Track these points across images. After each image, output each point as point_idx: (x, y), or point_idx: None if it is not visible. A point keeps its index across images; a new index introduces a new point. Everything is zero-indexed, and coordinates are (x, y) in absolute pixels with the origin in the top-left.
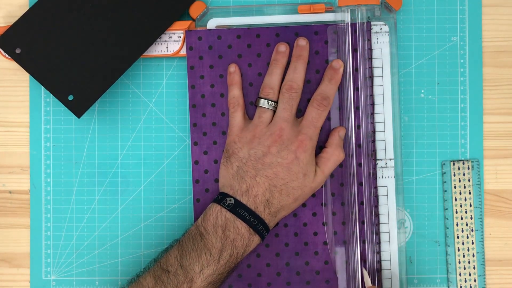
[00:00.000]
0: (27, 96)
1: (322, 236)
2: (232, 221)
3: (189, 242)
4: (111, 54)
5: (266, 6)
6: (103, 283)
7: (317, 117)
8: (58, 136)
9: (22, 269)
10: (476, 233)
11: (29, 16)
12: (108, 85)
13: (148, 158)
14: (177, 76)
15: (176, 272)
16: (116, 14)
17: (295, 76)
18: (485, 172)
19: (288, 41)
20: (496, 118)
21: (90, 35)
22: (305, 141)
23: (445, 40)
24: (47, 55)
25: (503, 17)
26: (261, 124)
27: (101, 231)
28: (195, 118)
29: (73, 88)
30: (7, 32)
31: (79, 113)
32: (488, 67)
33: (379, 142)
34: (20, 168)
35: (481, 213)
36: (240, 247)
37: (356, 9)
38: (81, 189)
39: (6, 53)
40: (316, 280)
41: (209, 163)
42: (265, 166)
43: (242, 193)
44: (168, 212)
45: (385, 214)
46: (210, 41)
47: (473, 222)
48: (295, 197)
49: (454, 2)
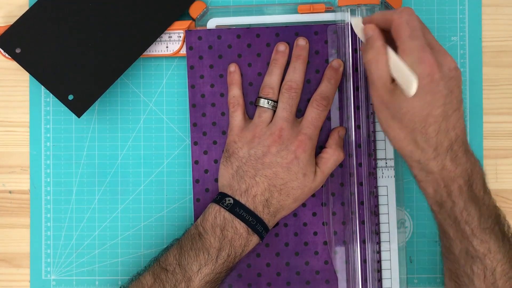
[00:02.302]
0: (27, 96)
1: (322, 236)
2: (231, 221)
3: (188, 242)
4: (111, 54)
5: (266, 6)
6: (103, 283)
7: (317, 117)
8: (58, 136)
9: (22, 269)
10: None
11: (29, 16)
12: (108, 84)
13: (148, 158)
14: (177, 76)
15: (175, 271)
16: (116, 14)
17: (295, 76)
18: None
19: (288, 41)
20: (496, 118)
21: (90, 35)
22: (304, 141)
23: (445, 40)
24: (47, 54)
25: (503, 17)
26: (261, 124)
27: (101, 231)
28: (195, 118)
29: (73, 88)
30: (7, 31)
31: (79, 112)
32: (488, 67)
33: (379, 142)
34: (20, 168)
35: None
36: (238, 247)
37: (356, 9)
38: (81, 189)
39: (6, 52)
40: (316, 280)
41: (209, 163)
42: (265, 166)
43: (241, 193)
44: (168, 212)
45: (385, 214)
46: (210, 41)
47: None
48: (295, 197)
49: (454, 2)
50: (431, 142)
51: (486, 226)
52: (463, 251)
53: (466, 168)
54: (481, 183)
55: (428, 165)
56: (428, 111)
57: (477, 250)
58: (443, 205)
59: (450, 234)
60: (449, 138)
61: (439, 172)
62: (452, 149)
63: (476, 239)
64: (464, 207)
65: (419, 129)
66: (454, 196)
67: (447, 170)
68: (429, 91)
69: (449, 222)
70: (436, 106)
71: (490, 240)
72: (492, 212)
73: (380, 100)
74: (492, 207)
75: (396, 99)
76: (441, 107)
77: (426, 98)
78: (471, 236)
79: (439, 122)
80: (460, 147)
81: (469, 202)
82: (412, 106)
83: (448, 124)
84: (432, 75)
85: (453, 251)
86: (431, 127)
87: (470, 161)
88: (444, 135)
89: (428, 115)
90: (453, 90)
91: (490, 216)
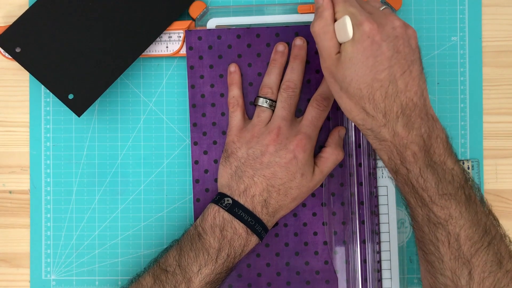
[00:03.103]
0: (27, 96)
1: (322, 236)
2: (230, 222)
3: (187, 242)
4: (111, 53)
5: (266, 6)
6: (103, 283)
7: (317, 117)
8: (58, 136)
9: (22, 269)
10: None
11: (29, 15)
12: (108, 84)
13: (148, 158)
14: (177, 76)
15: (175, 272)
16: (116, 13)
17: (293, 76)
18: (485, 172)
19: (288, 41)
20: (496, 118)
21: (90, 34)
22: (303, 140)
23: (445, 40)
24: (47, 54)
25: (503, 17)
26: (259, 124)
27: (101, 231)
28: (195, 118)
29: (73, 87)
30: (7, 31)
31: (79, 112)
32: (488, 67)
33: None
34: (20, 168)
35: None
36: (238, 247)
37: None
38: (81, 189)
39: (6, 52)
40: (316, 280)
41: (209, 163)
42: (263, 166)
43: (240, 193)
44: (168, 212)
45: (385, 214)
46: (210, 41)
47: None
48: (293, 197)
49: (454, 2)
50: (379, 108)
51: (445, 192)
52: (425, 218)
53: (421, 133)
54: (442, 147)
55: (380, 133)
56: (373, 76)
57: (438, 217)
58: (398, 172)
59: (411, 201)
60: (399, 103)
61: (392, 138)
62: (404, 114)
63: (436, 206)
64: (420, 174)
65: (366, 96)
66: (408, 163)
67: (399, 137)
68: (371, 54)
69: (407, 190)
70: (380, 69)
71: (451, 206)
72: (456, 176)
73: (328, 72)
74: (457, 171)
75: (341, 68)
76: (386, 70)
77: (368, 62)
78: (430, 203)
79: (385, 86)
80: (413, 111)
81: (425, 168)
82: (355, 73)
83: (397, 88)
84: (372, 36)
85: (416, 219)
86: (377, 92)
87: (426, 125)
88: (393, 100)
89: (373, 79)
90: (399, 50)
91: (451, 181)
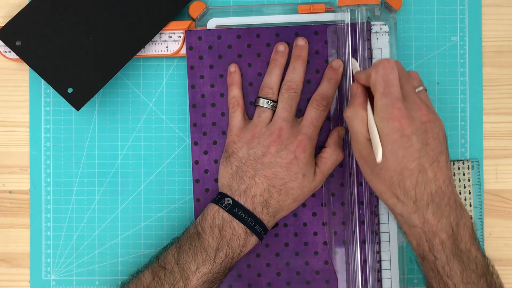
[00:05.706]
0: (27, 96)
1: (322, 236)
2: (229, 222)
3: (186, 241)
4: (111, 47)
5: (266, 6)
6: (103, 283)
7: (316, 117)
8: (58, 136)
9: (22, 269)
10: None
11: (30, 9)
12: (108, 78)
13: (148, 158)
14: (177, 76)
15: (173, 270)
16: (116, 7)
17: (294, 76)
18: (485, 172)
19: (288, 41)
20: (496, 118)
21: (90, 28)
22: (304, 141)
23: (445, 40)
24: (47, 48)
25: (503, 17)
26: (260, 124)
27: (101, 231)
28: (195, 118)
29: (72, 81)
30: (8, 24)
31: (78, 105)
32: (488, 67)
33: None
34: (20, 168)
35: (481, 213)
36: (236, 248)
37: (356, 9)
38: (81, 189)
39: (7, 45)
40: (316, 280)
41: (209, 163)
42: (264, 166)
43: (241, 193)
44: (168, 212)
45: (385, 214)
46: (210, 41)
47: (473, 222)
48: (294, 198)
49: (454, 2)
50: (410, 195)
51: (469, 281)
52: None
53: (450, 221)
54: (468, 235)
55: (410, 218)
56: (403, 165)
57: None
58: (426, 258)
59: (434, 285)
60: (429, 191)
61: (422, 225)
62: (433, 201)
63: None
64: (447, 262)
65: (397, 183)
66: (436, 251)
67: (429, 224)
68: (401, 146)
69: (431, 275)
70: (411, 160)
71: None
72: (480, 264)
73: (359, 154)
74: (480, 259)
75: (372, 154)
76: (415, 161)
77: (398, 153)
78: None
79: (415, 175)
80: (442, 199)
81: (452, 257)
82: (386, 161)
83: (427, 177)
84: (402, 130)
85: None
86: (408, 180)
87: (455, 213)
88: (423, 188)
89: (403, 169)
90: (428, 143)
91: (475, 270)
